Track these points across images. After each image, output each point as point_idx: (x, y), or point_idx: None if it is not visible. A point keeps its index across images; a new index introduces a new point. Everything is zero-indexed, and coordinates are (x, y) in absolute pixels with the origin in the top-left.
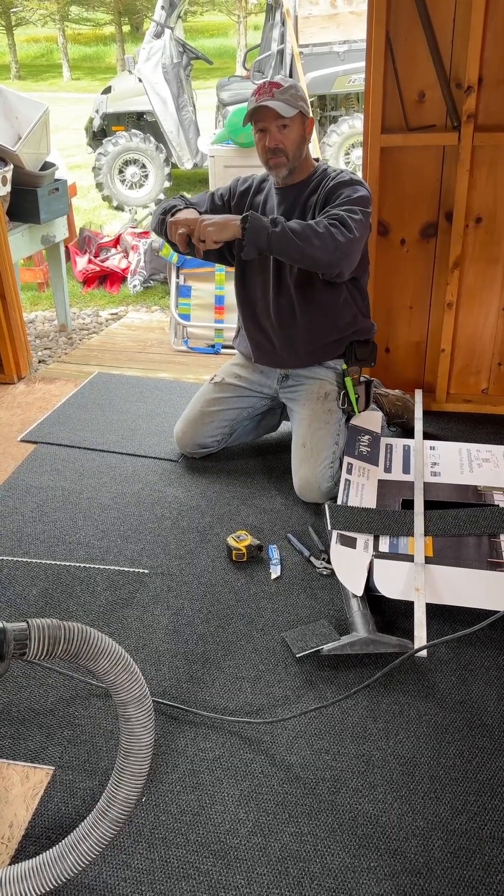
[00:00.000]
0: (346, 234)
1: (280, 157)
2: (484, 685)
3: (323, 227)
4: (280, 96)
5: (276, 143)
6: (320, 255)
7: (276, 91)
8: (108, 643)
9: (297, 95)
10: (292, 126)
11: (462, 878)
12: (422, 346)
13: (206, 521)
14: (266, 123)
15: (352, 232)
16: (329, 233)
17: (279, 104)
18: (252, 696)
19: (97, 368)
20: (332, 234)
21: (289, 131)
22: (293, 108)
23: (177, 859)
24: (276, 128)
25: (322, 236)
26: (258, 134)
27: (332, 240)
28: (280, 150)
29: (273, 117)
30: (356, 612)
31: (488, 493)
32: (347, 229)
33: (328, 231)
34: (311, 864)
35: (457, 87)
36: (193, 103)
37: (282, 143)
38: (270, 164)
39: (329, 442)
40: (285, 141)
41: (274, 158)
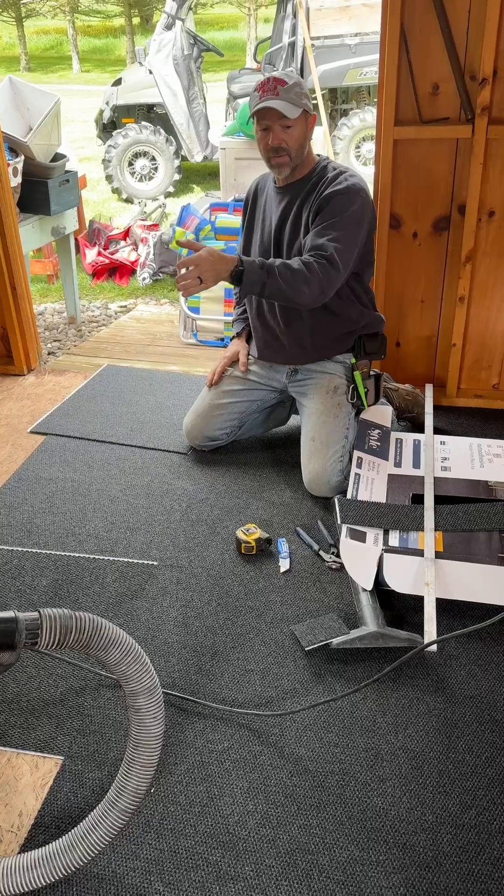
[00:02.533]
0: (333, 272)
1: (283, 157)
2: (494, 681)
3: (313, 269)
4: (284, 95)
5: (280, 143)
6: (306, 299)
7: (280, 89)
8: (119, 634)
9: (300, 93)
10: (296, 125)
11: (471, 873)
12: (433, 341)
13: (215, 513)
14: (269, 122)
15: (337, 269)
16: (317, 276)
17: (283, 104)
18: (261, 688)
19: (106, 361)
20: (319, 278)
21: (292, 130)
22: (297, 107)
23: (185, 850)
24: (279, 127)
25: (310, 280)
26: (261, 132)
27: (318, 283)
28: (283, 149)
29: (277, 117)
30: (366, 607)
31: (499, 489)
32: (334, 266)
33: (316, 274)
34: (320, 856)
35: (471, 79)
36: (204, 96)
37: (285, 143)
38: (273, 163)
39: (339, 436)
40: (289, 140)
41: (276, 157)
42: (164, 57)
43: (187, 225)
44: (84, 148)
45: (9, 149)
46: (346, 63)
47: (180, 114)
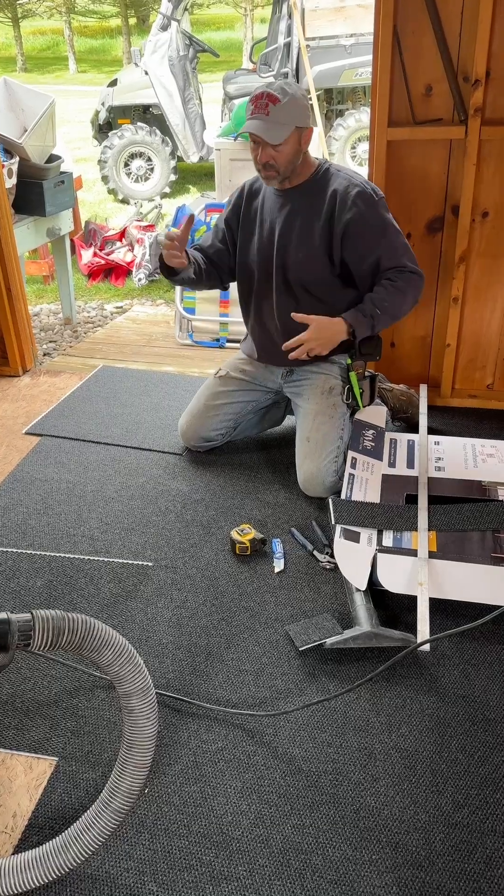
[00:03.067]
0: (418, 279)
1: (271, 172)
2: (486, 680)
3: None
4: (274, 115)
5: (268, 159)
6: (408, 310)
7: (271, 107)
8: (112, 635)
9: (293, 112)
10: (285, 143)
11: (463, 872)
12: (427, 341)
13: (209, 514)
14: (257, 138)
15: (419, 273)
16: (411, 290)
17: (269, 129)
18: (255, 688)
19: (102, 362)
20: (413, 290)
21: (281, 148)
22: (286, 127)
23: (179, 850)
24: (267, 146)
25: (406, 298)
26: (252, 144)
27: (413, 296)
28: (271, 165)
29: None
30: (359, 606)
31: (493, 489)
32: (417, 274)
33: (410, 289)
34: (313, 856)
35: (464, 80)
36: (199, 96)
37: (273, 160)
38: (262, 175)
39: (333, 436)
40: (277, 158)
41: (265, 172)
42: (160, 58)
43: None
44: (80, 149)
45: (3, 150)
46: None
47: (176, 114)
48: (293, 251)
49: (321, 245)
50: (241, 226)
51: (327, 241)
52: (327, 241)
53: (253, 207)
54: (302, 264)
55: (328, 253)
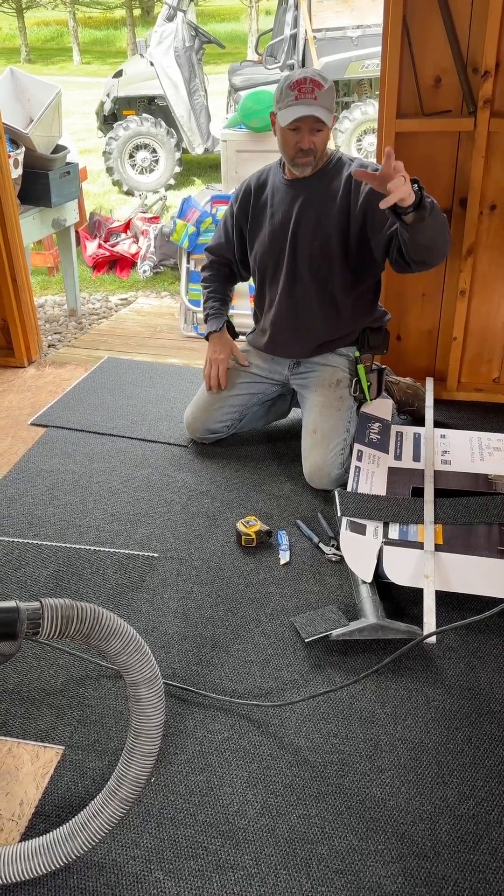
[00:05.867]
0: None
1: (308, 157)
2: (492, 672)
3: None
4: (322, 100)
5: (311, 145)
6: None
7: (318, 92)
8: (120, 624)
9: (333, 97)
10: (325, 128)
11: (469, 862)
12: (433, 334)
13: (215, 506)
14: (301, 124)
15: None
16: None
17: (323, 112)
18: (261, 679)
19: (107, 353)
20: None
21: (322, 134)
22: (332, 112)
23: (185, 839)
24: (310, 130)
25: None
26: (290, 131)
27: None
28: (311, 150)
29: (312, 121)
30: (365, 598)
31: (499, 482)
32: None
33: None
34: (319, 845)
35: (473, 71)
36: (205, 88)
37: (314, 145)
38: (297, 162)
39: (340, 429)
40: (317, 143)
41: (303, 158)
42: (166, 49)
43: (188, 217)
44: (84, 140)
45: (10, 140)
46: (347, 55)
47: (181, 106)
48: (308, 241)
49: (336, 231)
50: (250, 221)
51: (344, 223)
52: (344, 223)
53: (262, 201)
54: (316, 254)
55: (344, 237)
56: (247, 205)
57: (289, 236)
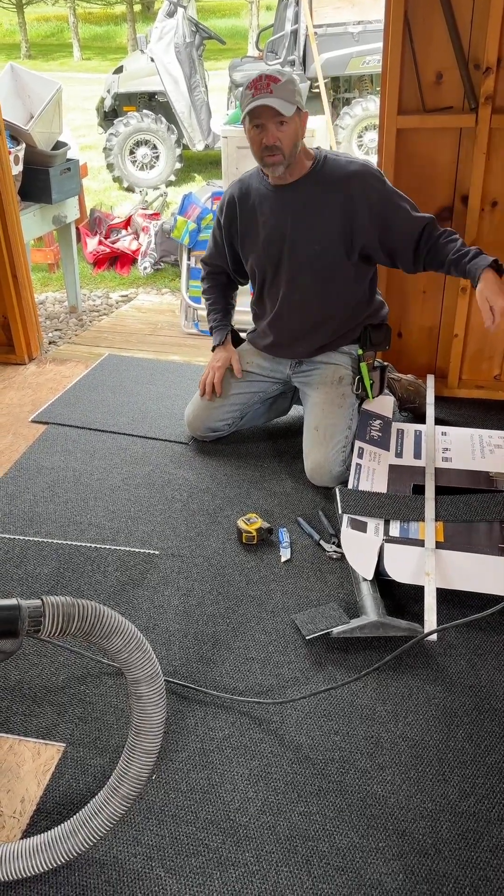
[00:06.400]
0: None
1: (277, 155)
2: (493, 670)
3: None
4: (279, 92)
5: (275, 141)
6: None
7: (273, 86)
8: (121, 622)
9: (294, 90)
10: (290, 123)
11: (470, 860)
12: (434, 332)
13: (216, 503)
14: (263, 120)
15: None
16: None
17: (279, 102)
18: (262, 676)
19: (107, 350)
20: None
21: (286, 128)
22: (291, 104)
23: (186, 836)
24: (273, 125)
25: None
26: (254, 130)
27: None
28: (277, 147)
29: (271, 115)
30: (366, 596)
31: (500, 480)
32: None
33: None
34: (320, 843)
35: (475, 68)
36: (206, 84)
37: (279, 141)
38: (266, 162)
39: (342, 426)
40: (283, 138)
41: (270, 156)
42: (166, 45)
43: (189, 214)
44: (85, 136)
45: (10, 136)
46: (348, 51)
47: (182, 102)
48: (307, 247)
49: (339, 234)
50: (240, 231)
51: (346, 230)
52: (346, 230)
53: (248, 210)
54: (316, 259)
55: (347, 242)
56: (233, 216)
57: (286, 243)
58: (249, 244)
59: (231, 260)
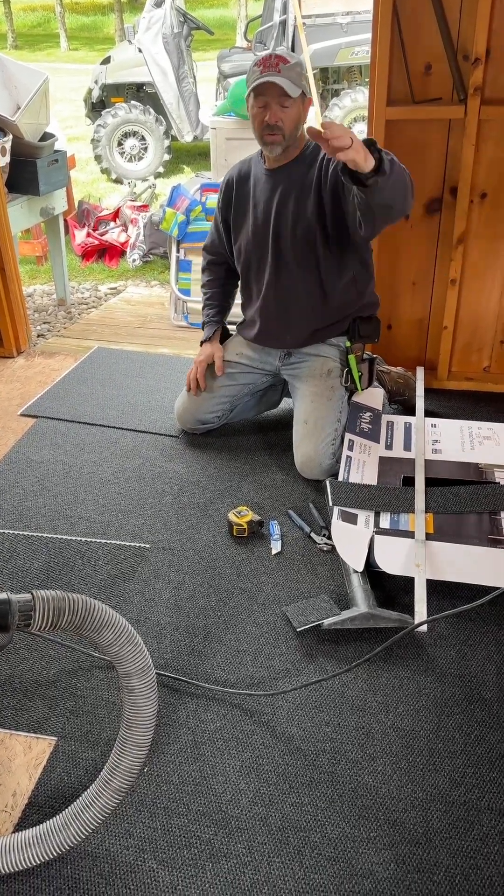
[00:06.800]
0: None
1: (277, 135)
2: (483, 660)
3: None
4: (286, 73)
5: (277, 121)
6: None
7: (282, 66)
8: (112, 615)
9: (301, 74)
10: (293, 105)
11: (460, 849)
12: (424, 323)
13: (206, 496)
14: (268, 99)
15: None
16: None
17: (286, 82)
18: (253, 668)
19: (97, 343)
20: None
21: (290, 110)
22: (298, 87)
23: (178, 828)
24: (277, 105)
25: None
26: (258, 108)
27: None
28: (278, 127)
29: (277, 94)
30: (357, 588)
31: (489, 471)
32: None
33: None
34: (312, 833)
35: (464, 59)
36: (194, 75)
37: (281, 121)
38: (266, 140)
39: (331, 419)
40: (285, 119)
41: (270, 135)
42: (154, 35)
43: (178, 206)
44: (72, 127)
45: None
46: (337, 42)
47: (170, 93)
48: (289, 230)
49: (315, 216)
50: (234, 213)
51: (320, 206)
52: (320, 206)
53: (244, 192)
54: (299, 242)
55: (322, 221)
56: (230, 197)
57: (271, 227)
58: (240, 226)
59: (228, 245)
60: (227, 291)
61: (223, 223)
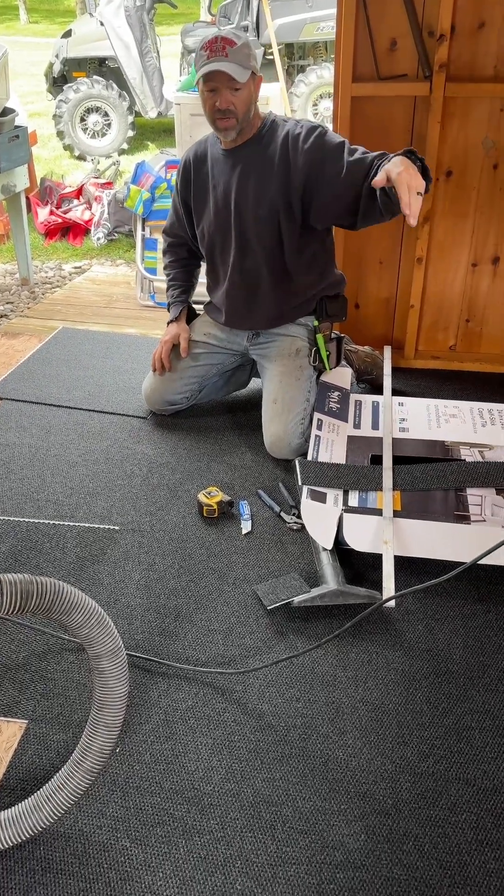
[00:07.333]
0: None
1: (230, 119)
2: (450, 634)
3: None
4: (234, 56)
5: (228, 105)
6: None
7: (229, 49)
8: (81, 597)
9: (249, 54)
10: (244, 88)
11: (429, 818)
12: (391, 302)
13: (176, 477)
14: (217, 84)
15: None
16: None
17: (234, 67)
18: (224, 647)
19: (61, 323)
20: None
21: (240, 93)
22: (247, 69)
23: (151, 807)
24: (227, 90)
25: None
26: (207, 93)
27: None
28: (231, 111)
29: (226, 80)
30: (326, 565)
31: (455, 448)
32: None
33: None
34: (283, 807)
35: (429, 35)
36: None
37: (233, 105)
38: (219, 126)
39: (300, 398)
40: (237, 103)
41: (223, 120)
42: (116, 8)
43: (142, 183)
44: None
45: None
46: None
47: (133, 68)
48: (251, 211)
49: (279, 195)
50: (194, 195)
51: (285, 188)
52: (285, 188)
53: (203, 174)
54: (261, 222)
55: (287, 203)
56: (188, 179)
57: (232, 208)
58: (201, 208)
59: (189, 227)
60: (190, 271)
61: (183, 205)
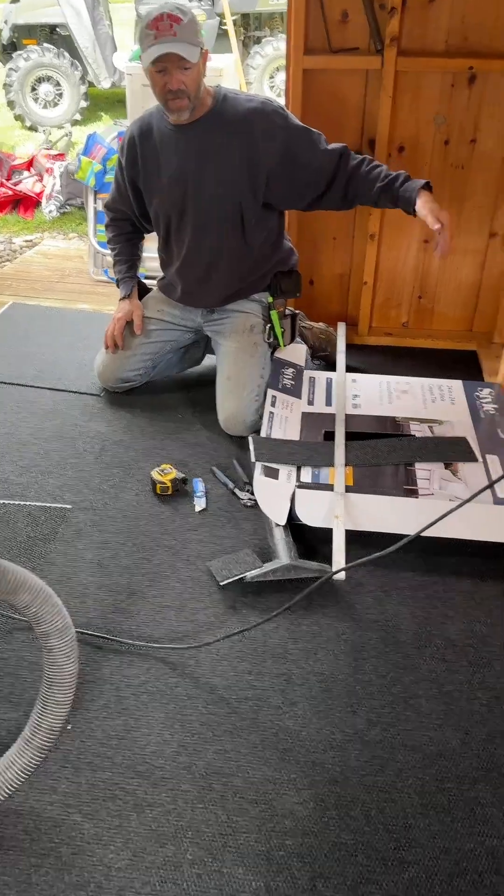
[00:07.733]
0: None
1: (183, 100)
2: (398, 605)
3: None
4: (182, 35)
5: (180, 85)
6: None
7: (177, 27)
8: (28, 576)
9: (196, 30)
10: (194, 66)
11: (375, 784)
12: (345, 279)
13: (129, 455)
14: (167, 64)
15: None
16: None
17: (184, 47)
18: (177, 623)
19: (11, 299)
20: None
21: (190, 71)
22: (196, 47)
23: (103, 782)
24: (178, 69)
25: None
26: (156, 74)
27: None
28: (183, 91)
29: (176, 59)
30: (279, 541)
31: (405, 424)
32: None
33: None
34: (234, 778)
35: (380, 7)
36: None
37: (184, 85)
38: (171, 107)
39: (255, 375)
40: (188, 82)
41: (176, 101)
42: None
43: (94, 154)
44: None
45: None
46: None
47: (85, 36)
48: (210, 188)
49: (242, 177)
50: (142, 173)
51: (251, 172)
52: (251, 172)
53: (150, 150)
54: (221, 201)
55: (251, 184)
56: (134, 156)
57: (189, 186)
58: (152, 186)
59: (135, 204)
60: (135, 244)
61: (129, 184)
